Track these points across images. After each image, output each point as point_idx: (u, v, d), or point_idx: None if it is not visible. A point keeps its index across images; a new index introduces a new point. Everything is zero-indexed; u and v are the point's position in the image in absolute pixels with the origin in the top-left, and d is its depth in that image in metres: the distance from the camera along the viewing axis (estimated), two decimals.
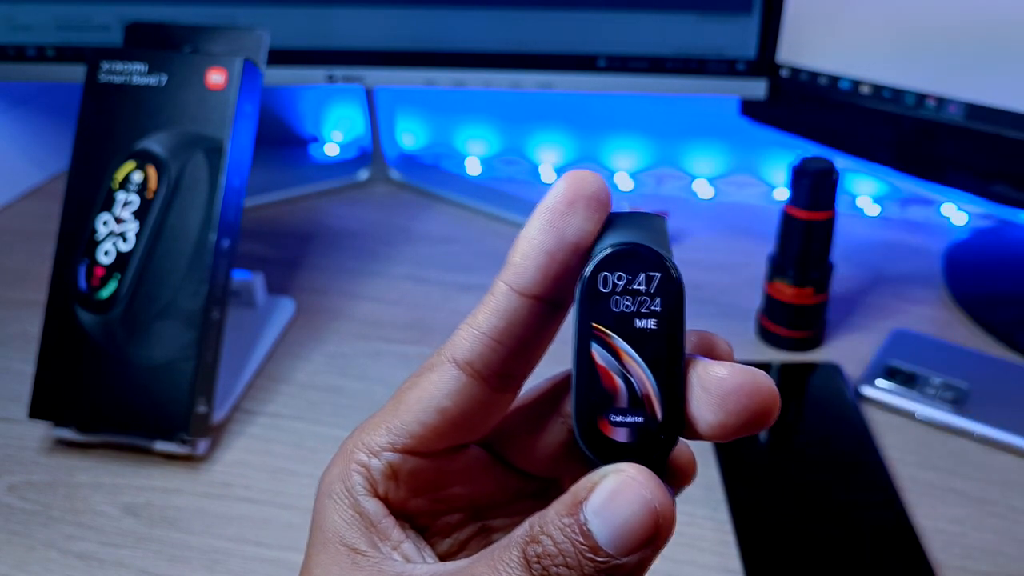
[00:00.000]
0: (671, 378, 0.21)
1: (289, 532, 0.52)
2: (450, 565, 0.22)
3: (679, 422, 0.21)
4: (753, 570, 0.48)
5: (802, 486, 0.53)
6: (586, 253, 0.22)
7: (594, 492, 0.20)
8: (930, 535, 0.50)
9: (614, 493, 0.19)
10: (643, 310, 0.21)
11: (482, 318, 0.22)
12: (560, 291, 0.22)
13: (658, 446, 0.21)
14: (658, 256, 0.21)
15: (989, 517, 0.51)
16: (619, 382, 0.21)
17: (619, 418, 0.21)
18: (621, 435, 0.21)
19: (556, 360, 0.25)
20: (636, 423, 0.21)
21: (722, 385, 0.21)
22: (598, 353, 0.21)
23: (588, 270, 0.21)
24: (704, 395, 0.21)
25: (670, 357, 0.21)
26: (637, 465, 0.20)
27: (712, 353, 0.23)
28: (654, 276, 0.21)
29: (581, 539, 0.19)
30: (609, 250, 0.21)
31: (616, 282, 0.21)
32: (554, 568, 0.19)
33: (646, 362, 0.21)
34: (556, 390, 0.25)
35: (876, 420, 0.58)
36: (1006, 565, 0.48)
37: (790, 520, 0.51)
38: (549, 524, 0.20)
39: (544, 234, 0.22)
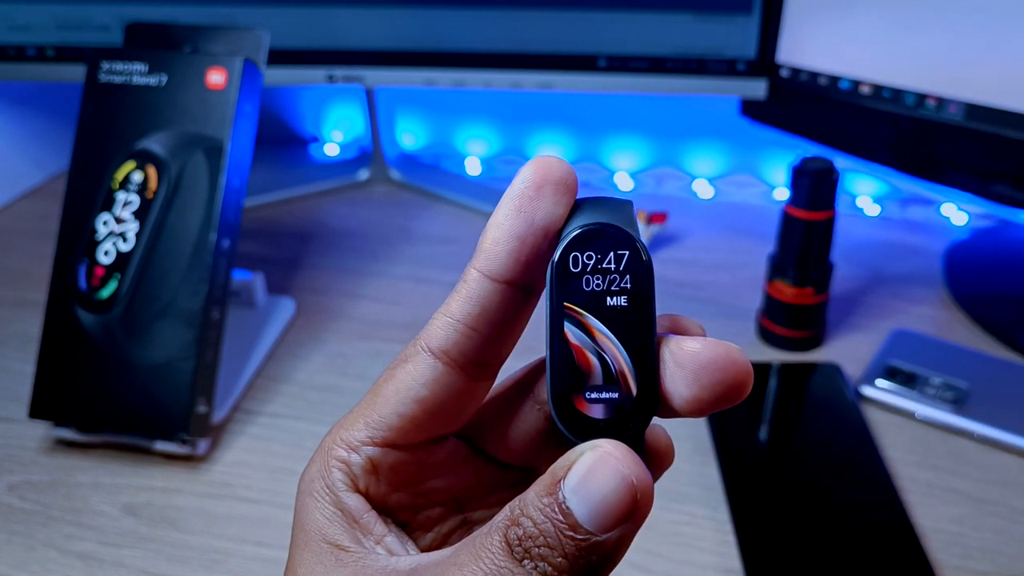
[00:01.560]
0: (644, 354, 0.21)
1: (289, 532, 0.52)
2: (433, 555, 0.22)
3: (654, 397, 0.21)
4: (753, 570, 0.48)
5: (802, 486, 0.53)
6: (555, 237, 0.22)
7: (571, 470, 0.20)
8: (930, 535, 0.50)
9: (591, 470, 0.19)
10: (614, 288, 0.21)
11: (455, 306, 0.22)
12: (531, 276, 0.22)
13: (634, 422, 0.21)
14: (626, 234, 0.21)
15: (989, 517, 0.51)
16: (593, 360, 0.21)
17: (594, 395, 0.21)
18: (597, 412, 0.21)
19: (531, 350, 0.25)
20: (611, 399, 0.21)
21: (696, 359, 0.21)
22: (571, 332, 0.21)
23: (558, 251, 0.21)
24: (678, 370, 0.21)
25: (642, 333, 0.21)
26: (613, 441, 0.20)
27: (685, 334, 0.23)
28: (623, 254, 0.21)
29: (561, 518, 0.19)
30: (578, 230, 0.21)
31: (586, 262, 0.21)
32: (536, 549, 0.19)
33: (619, 339, 0.21)
34: (530, 378, 0.25)
35: (876, 420, 0.58)
36: (1006, 565, 0.48)
37: (790, 520, 0.51)
38: (529, 506, 0.20)
39: (513, 219, 0.22)
